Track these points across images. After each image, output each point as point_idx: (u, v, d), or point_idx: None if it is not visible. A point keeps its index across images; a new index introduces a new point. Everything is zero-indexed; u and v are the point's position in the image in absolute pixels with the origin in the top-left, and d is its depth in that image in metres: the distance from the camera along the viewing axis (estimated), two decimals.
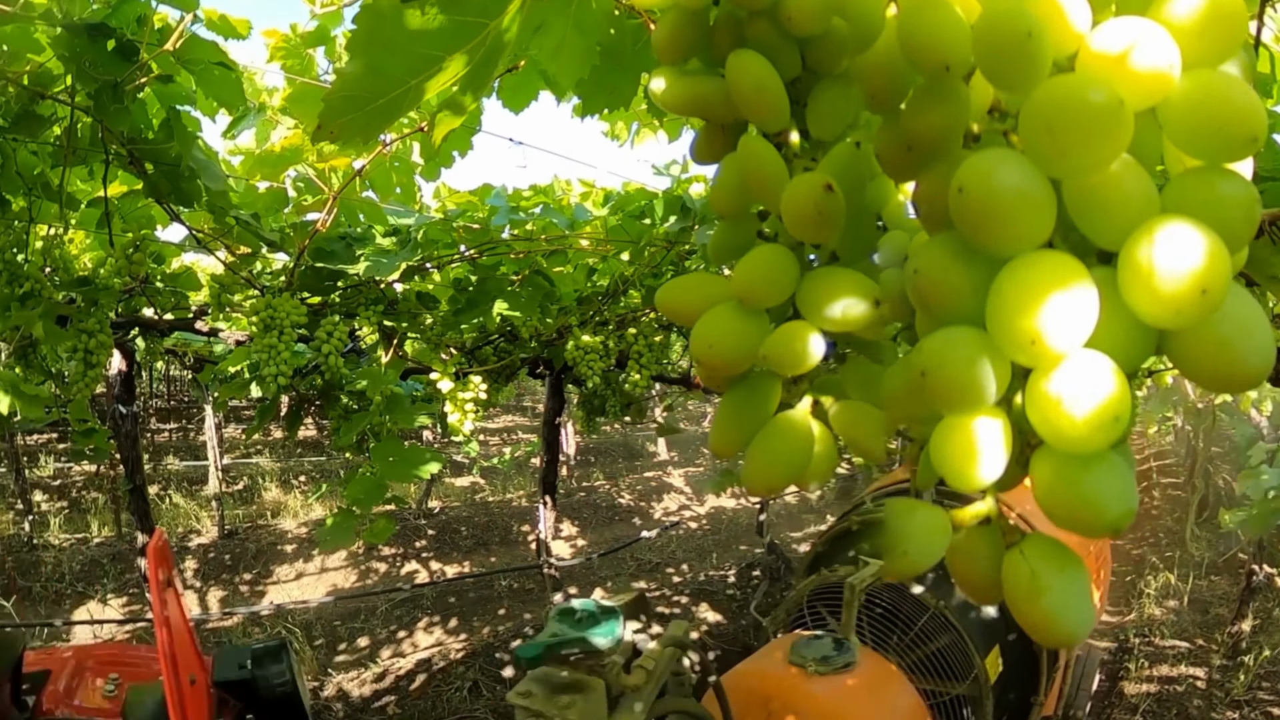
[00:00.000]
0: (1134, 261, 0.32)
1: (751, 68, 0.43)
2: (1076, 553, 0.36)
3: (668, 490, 7.88)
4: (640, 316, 2.47)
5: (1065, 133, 0.32)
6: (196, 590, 5.17)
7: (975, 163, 0.34)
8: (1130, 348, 0.34)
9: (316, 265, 2.04)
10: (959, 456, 0.34)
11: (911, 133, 0.39)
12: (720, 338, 0.45)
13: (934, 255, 0.37)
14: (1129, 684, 3.86)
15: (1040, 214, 0.34)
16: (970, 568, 0.39)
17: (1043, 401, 0.33)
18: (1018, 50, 0.33)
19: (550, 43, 0.71)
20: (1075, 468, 0.33)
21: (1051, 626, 0.35)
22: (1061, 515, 0.33)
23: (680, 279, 0.49)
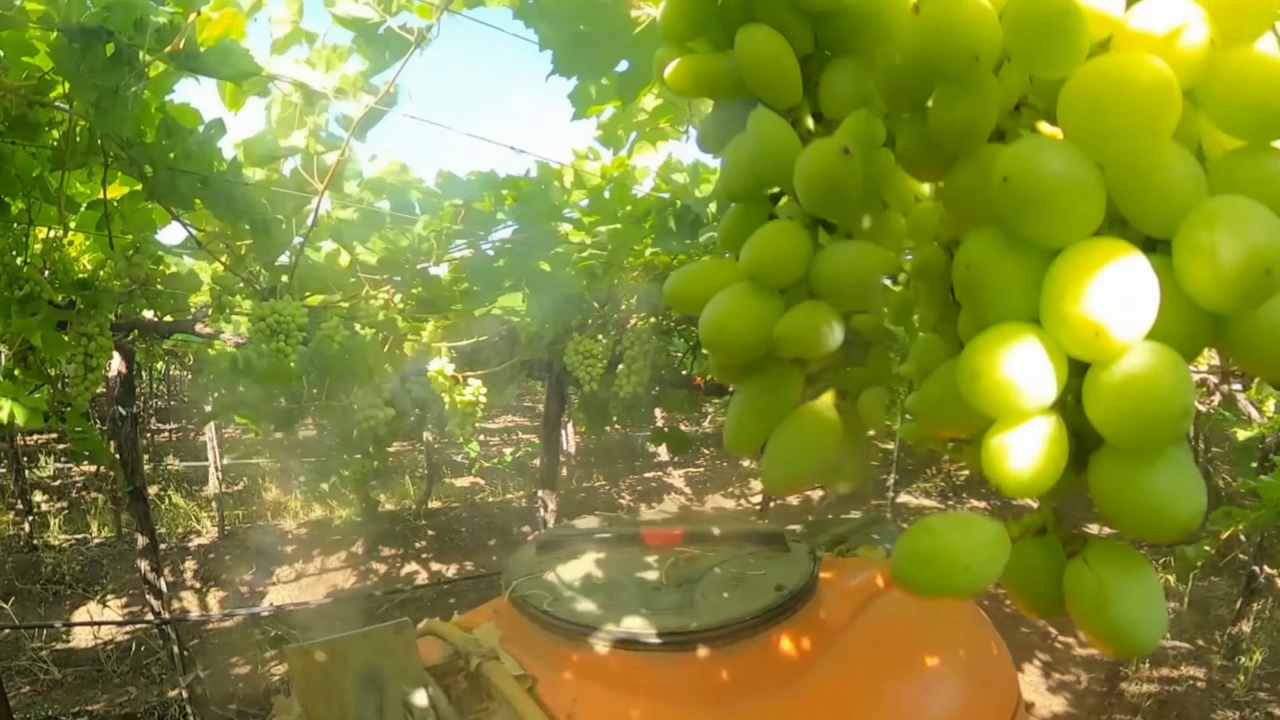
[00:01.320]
0: (1193, 243, 0.30)
1: (763, 41, 0.42)
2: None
3: (668, 490, 7.88)
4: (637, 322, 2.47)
5: (1114, 112, 0.30)
6: (196, 591, 5.17)
7: (1018, 150, 0.32)
8: (1188, 337, 0.32)
9: (316, 265, 2.04)
10: (1015, 464, 0.32)
11: (939, 128, 0.37)
12: (731, 319, 0.41)
13: (983, 249, 0.35)
14: (1129, 684, 3.86)
15: (1091, 200, 0.32)
16: (1028, 581, 0.37)
17: (1105, 397, 0.31)
18: (1056, 29, 0.32)
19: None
20: (1141, 467, 0.31)
21: (1124, 636, 0.33)
22: (1128, 518, 0.32)
23: (690, 266, 0.46)
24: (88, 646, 4.32)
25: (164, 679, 3.89)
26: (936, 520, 0.36)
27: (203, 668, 3.38)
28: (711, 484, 8.24)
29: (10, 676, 3.90)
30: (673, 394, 2.94)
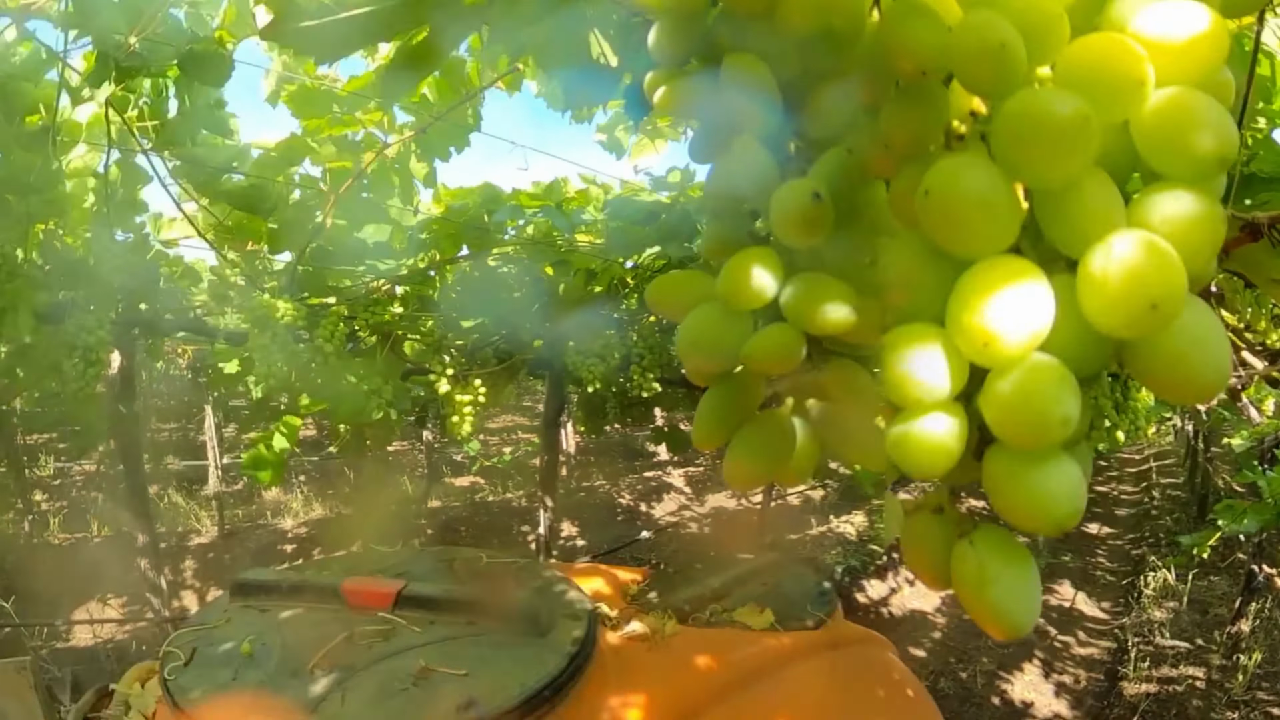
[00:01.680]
0: (1089, 271, 0.33)
1: (748, 69, 0.44)
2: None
3: (668, 490, 7.87)
4: (642, 319, 2.47)
5: (1032, 144, 0.33)
6: (196, 590, 5.17)
7: (942, 167, 0.35)
8: (1086, 354, 0.35)
9: (316, 266, 2.04)
10: (912, 448, 0.36)
11: (888, 133, 0.40)
12: (703, 337, 0.46)
13: (900, 254, 0.38)
14: (1128, 684, 3.86)
15: (1003, 220, 0.34)
16: (921, 553, 0.40)
17: (996, 401, 0.34)
18: (992, 61, 0.34)
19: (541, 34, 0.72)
20: (1026, 466, 0.34)
21: (997, 617, 0.35)
22: (1011, 511, 0.34)
23: (669, 275, 0.50)
24: (87, 645, 4.32)
25: None
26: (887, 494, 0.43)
27: None
28: (711, 484, 8.24)
29: None
30: (672, 393, 2.95)
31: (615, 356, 2.34)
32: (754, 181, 0.45)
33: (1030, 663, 4.28)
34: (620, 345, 2.41)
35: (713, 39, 0.48)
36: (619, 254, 2.32)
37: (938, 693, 4.00)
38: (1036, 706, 3.88)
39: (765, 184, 0.45)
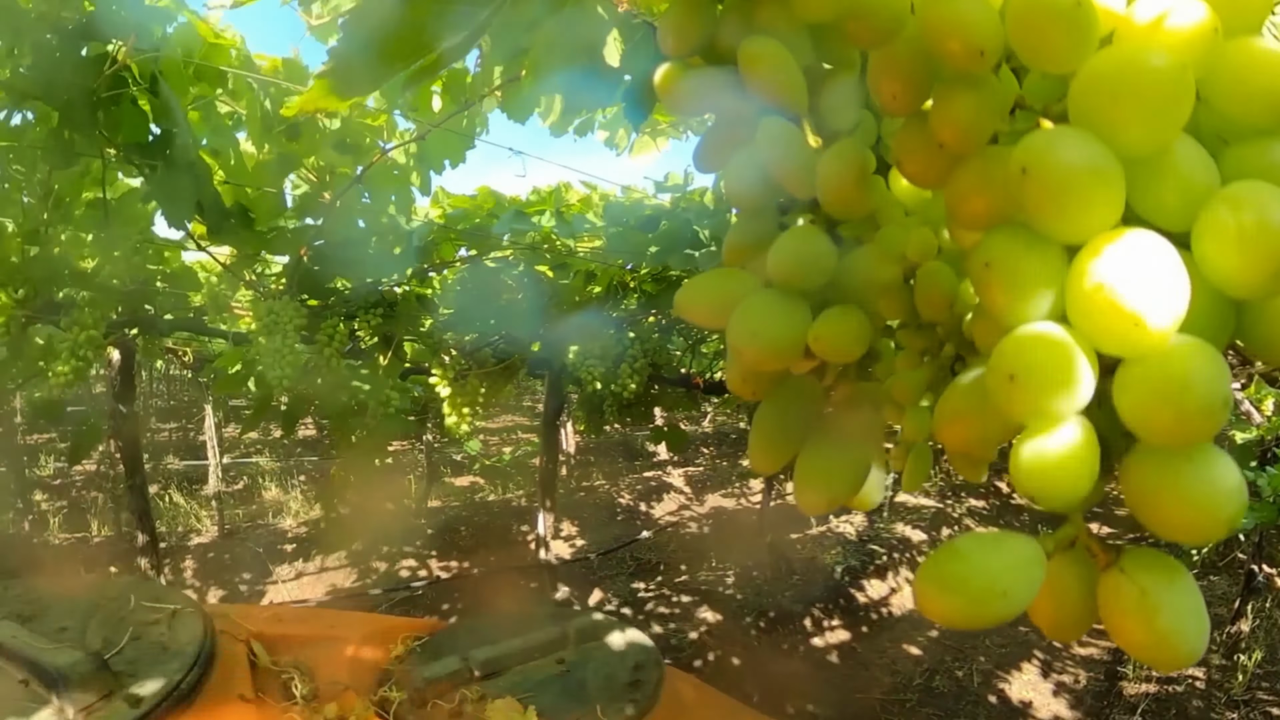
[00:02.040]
0: (1218, 227, 0.30)
1: (767, 51, 0.41)
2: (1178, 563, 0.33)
3: (668, 490, 7.87)
4: (640, 320, 2.47)
5: (1128, 102, 0.30)
6: (196, 590, 5.17)
7: (1035, 140, 0.31)
8: (1214, 328, 0.31)
9: (316, 268, 2.04)
10: (1051, 472, 0.31)
11: (944, 127, 0.36)
12: (764, 324, 0.40)
13: (1004, 247, 0.33)
14: (1128, 684, 3.87)
15: (1113, 188, 0.31)
16: (1058, 598, 0.34)
17: (1144, 392, 0.30)
18: (1066, 20, 0.31)
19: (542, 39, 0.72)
20: (1180, 464, 0.30)
21: (1171, 646, 0.31)
22: (1171, 520, 0.31)
23: (701, 276, 0.46)
24: None
25: None
26: (965, 542, 0.34)
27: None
28: (711, 483, 8.24)
29: None
30: (672, 392, 2.95)
31: (615, 357, 2.35)
32: (788, 159, 0.41)
33: (1029, 662, 4.28)
34: (619, 346, 2.42)
35: (722, 30, 0.45)
36: (619, 259, 2.33)
37: (933, 691, 4.01)
38: (1035, 706, 3.88)
39: (800, 161, 0.41)
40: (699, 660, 4.14)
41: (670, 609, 4.77)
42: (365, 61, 0.56)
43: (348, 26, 0.55)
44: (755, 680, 4.03)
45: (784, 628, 4.61)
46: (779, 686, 4.03)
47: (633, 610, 4.77)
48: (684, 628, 4.46)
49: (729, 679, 4.03)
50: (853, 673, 4.26)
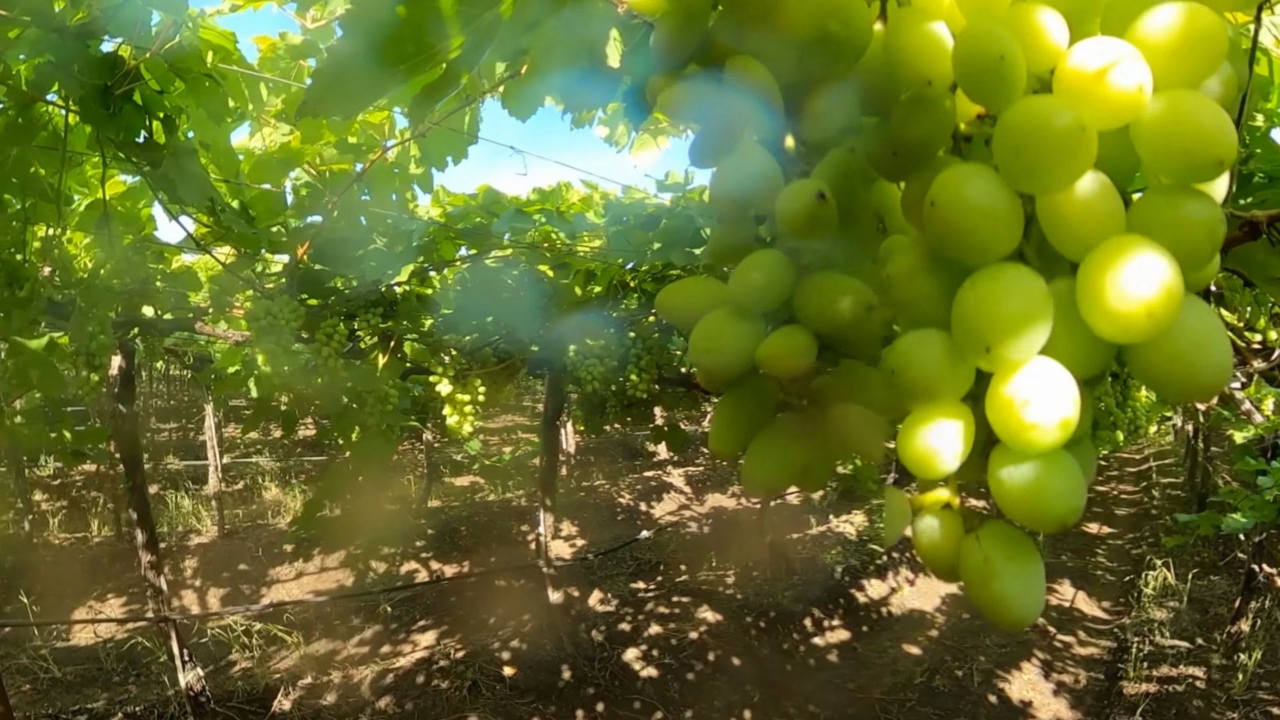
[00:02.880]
0: (1087, 280, 0.34)
1: (749, 71, 0.45)
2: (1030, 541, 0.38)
3: (668, 490, 7.88)
4: (641, 320, 2.47)
5: (1031, 154, 0.34)
6: (196, 589, 5.17)
7: (947, 178, 0.36)
8: (1087, 357, 0.36)
9: (316, 267, 2.04)
10: (917, 448, 0.37)
11: (897, 140, 0.41)
12: (717, 341, 0.46)
13: (906, 262, 0.39)
14: (1128, 684, 3.87)
15: (1005, 229, 0.36)
16: (931, 549, 0.41)
17: (999, 404, 0.35)
18: (992, 72, 0.35)
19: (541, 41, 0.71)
20: (1028, 465, 0.35)
21: (1002, 609, 0.37)
22: (1011, 509, 0.36)
23: (680, 282, 0.50)
24: (88, 645, 4.32)
25: (163, 677, 3.89)
26: (887, 488, 0.44)
27: (202, 666, 3.38)
28: (711, 483, 8.24)
29: (10, 675, 3.91)
30: (672, 392, 2.95)
31: (614, 357, 2.35)
32: (758, 184, 0.46)
33: (1029, 662, 4.28)
34: (619, 345, 2.42)
35: (713, 42, 0.48)
36: (620, 258, 2.32)
37: (933, 691, 4.01)
38: (1035, 706, 3.88)
39: (770, 186, 0.45)
40: (699, 660, 4.14)
41: (670, 609, 4.77)
42: (364, 62, 0.56)
43: (346, 25, 0.55)
44: (755, 680, 4.03)
45: (784, 628, 4.61)
46: (779, 686, 4.03)
47: (633, 610, 4.77)
48: (684, 628, 4.45)
49: (729, 679, 4.03)
50: (853, 672, 4.26)
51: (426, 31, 0.56)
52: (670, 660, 4.11)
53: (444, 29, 0.56)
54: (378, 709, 3.65)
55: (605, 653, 4.12)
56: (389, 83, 0.59)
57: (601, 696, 3.78)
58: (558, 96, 1.01)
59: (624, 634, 4.40)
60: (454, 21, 0.56)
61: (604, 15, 0.75)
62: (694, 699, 3.84)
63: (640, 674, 4.00)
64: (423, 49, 0.57)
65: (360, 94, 0.60)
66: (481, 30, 0.58)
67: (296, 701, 3.69)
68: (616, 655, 4.11)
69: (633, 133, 2.16)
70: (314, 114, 0.60)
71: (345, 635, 4.53)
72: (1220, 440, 7.05)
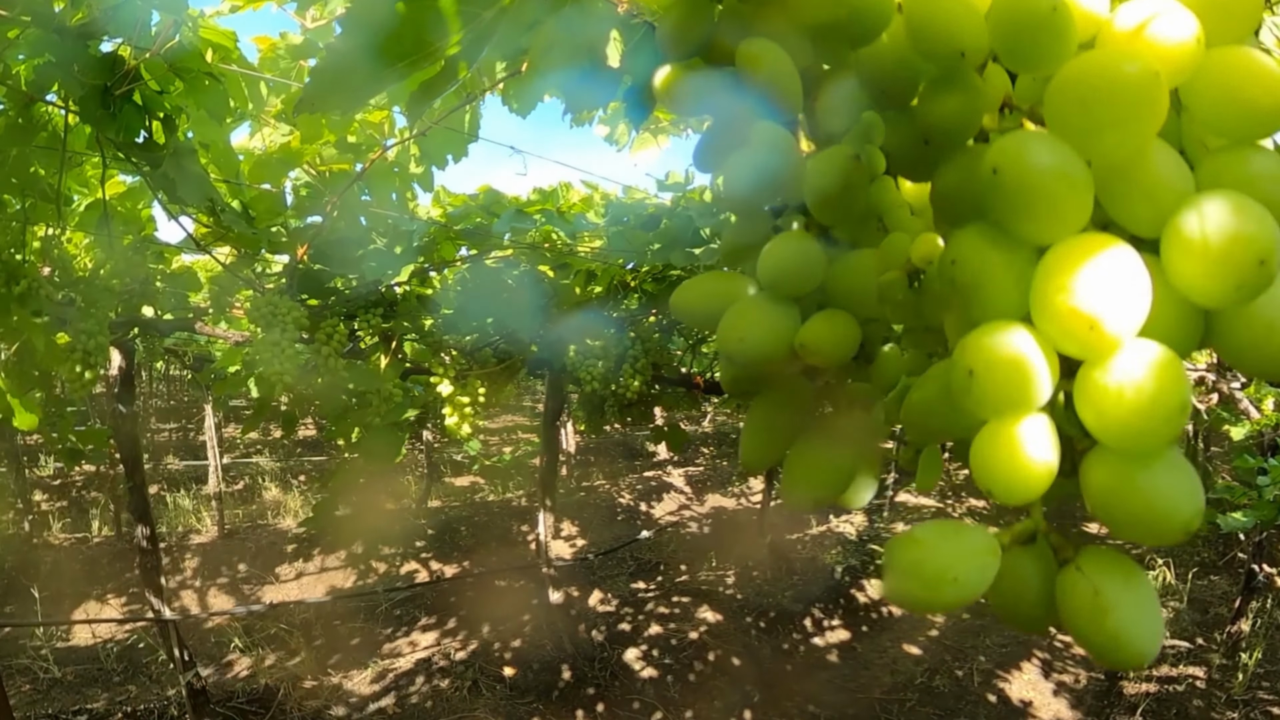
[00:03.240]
0: (1184, 237, 0.30)
1: (764, 52, 0.42)
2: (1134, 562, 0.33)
3: (668, 490, 7.88)
4: (641, 320, 2.47)
5: (1100, 108, 0.30)
6: (196, 590, 5.17)
7: (1007, 142, 0.32)
8: (1179, 335, 0.32)
9: (316, 267, 2.04)
10: (1008, 466, 0.31)
11: (928, 123, 0.38)
12: (751, 329, 0.41)
13: (971, 245, 0.34)
14: (1128, 683, 3.87)
15: (1080, 194, 0.32)
16: (1017, 592, 0.35)
17: (1100, 395, 0.30)
18: (1043, 26, 0.32)
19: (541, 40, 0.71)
20: (1138, 468, 0.30)
21: (1121, 646, 0.32)
22: (1128, 522, 0.31)
23: (695, 279, 0.47)
24: (88, 645, 4.32)
25: (164, 677, 3.89)
26: (923, 529, 0.34)
27: (202, 666, 3.38)
28: (711, 483, 8.24)
29: (10, 675, 3.90)
30: (672, 392, 2.95)
31: (614, 357, 2.35)
32: (779, 164, 0.42)
33: (1030, 662, 4.28)
34: (619, 346, 2.42)
35: (720, 32, 0.46)
36: (620, 259, 2.32)
37: (933, 691, 4.01)
38: (1036, 706, 3.88)
39: (791, 165, 0.42)
40: (699, 660, 4.14)
41: (670, 609, 4.77)
42: (362, 59, 0.56)
43: (346, 23, 0.55)
44: (755, 680, 4.03)
45: (784, 628, 4.61)
46: (779, 686, 4.03)
47: (633, 610, 4.77)
48: (684, 628, 4.46)
49: (729, 679, 4.03)
50: (853, 672, 4.26)
51: (426, 29, 0.56)
52: (670, 660, 4.11)
53: (444, 27, 0.56)
54: (378, 709, 3.65)
55: (605, 653, 4.12)
56: (387, 79, 0.59)
57: (601, 696, 3.78)
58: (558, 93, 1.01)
59: (624, 634, 4.40)
60: (454, 20, 0.56)
61: (604, 15, 0.75)
62: (694, 699, 3.84)
63: (640, 674, 4.00)
64: (422, 46, 0.56)
65: (358, 90, 0.59)
66: (481, 28, 0.58)
67: (296, 702, 3.69)
68: (616, 655, 4.11)
69: (633, 132, 2.16)
70: (312, 110, 0.60)
71: (345, 635, 4.53)
72: (1220, 440, 7.05)
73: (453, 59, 0.59)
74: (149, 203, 2.19)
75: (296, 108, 0.59)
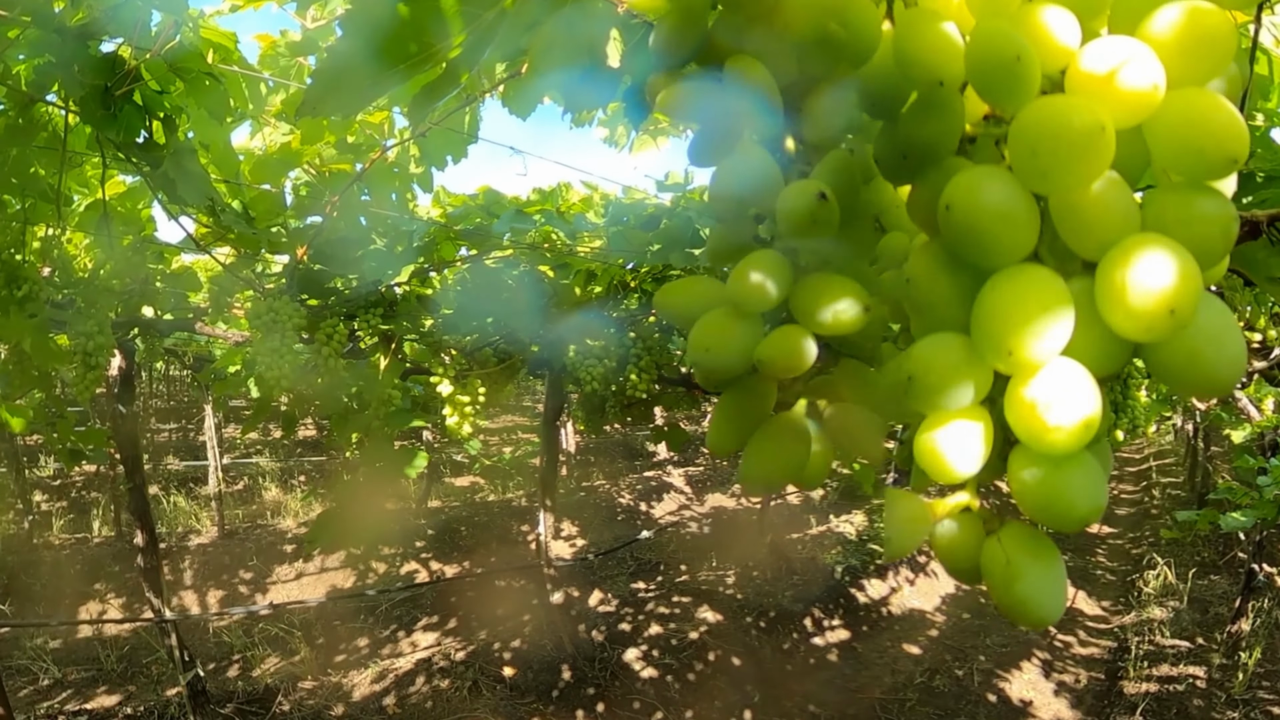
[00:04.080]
0: (1108, 279, 0.34)
1: (749, 71, 0.45)
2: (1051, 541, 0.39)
3: (668, 490, 7.88)
4: (641, 320, 2.47)
5: (1048, 154, 0.34)
6: (196, 590, 5.17)
7: (961, 181, 0.35)
8: (1106, 356, 0.36)
9: (316, 268, 2.04)
10: (936, 453, 0.37)
11: (906, 142, 0.41)
12: (716, 342, 0.46)
13: (924, 265, 0.39)
14: (1128, 683, 3.87)
15: (1022, 231, 0.35)
16: (952, 553, 0.41)
17: (1019, 406, 0.35)
18: (1006, 72, 0.35)
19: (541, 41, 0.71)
20: (1048, 466, 0.35)
21: (1025, 610, 0.37)
22: (1035, 510, 0.35)
23: (678, 282, 0.50)
24: (88, 645, 4.32)
25: (163, 678, 3.89)
26: (887, 491, 0.42)
27: (203, 666, 3.39)
28: (711, 483, 8.24)
29: (10, 675, 3.91)
30: (672, 392, 2.95)
31: (614, 357, 2.35)
32: (757, 184, 0.45)
33: (1030, 661, 4.28)
34: (619, 346, 2.42)
35: (713, 42, 0.48)
36: (620, 259, 2.32)
37: (933, 691, 4.01)
38: (1036, 705, 3.88)
39: (769, 186, 0.45)
40: (699, 660, 4.14)
41: (670, 609, 4.77)
42: (363, 62, 0.56)
43: (346, 24, 0.55)
44: (755, 680, 4.03)
45: (784, 627, 4.61)
46: (779, 686, 4.03)
47: (633, 610, 4.77)
48: (684, 628, 4.46)
49: (729, 679, 4.03)
50: (853, 672, 4.26)
51: (428, 31, 0.56)
52: (670, 660, 4.11)
53: (445, 28, 0.57)
54: (378, 709, 3.65)
55: (605, 653, 4.12)
56: (389, 82, 0.59)
57: (601, 696, 3.78)
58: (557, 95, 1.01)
59: (624, 634, 4.40)
60: (455, 21, 0.57)
61: (604, 15, 0.75)
62: (694, 699, 3.84)
63: (640, 674, 4.00)
64: (423, 48, 0.57)
65: (360, 93, 0.60)
66: (483, 30, 0.58)
67: (296, 702, 3.69)
68: (616, 655, 4.11)
69: (632, 133, 2.16)
70: (314, 113, 0.60)
71: (345, 635, 4.53)
72: (1220, 439, 7.05)
73: (454, 62, 0.59)
74: (149, 203, 2.19)
75: (299, 111, 0.59)
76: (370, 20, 0.55)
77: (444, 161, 2.01)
